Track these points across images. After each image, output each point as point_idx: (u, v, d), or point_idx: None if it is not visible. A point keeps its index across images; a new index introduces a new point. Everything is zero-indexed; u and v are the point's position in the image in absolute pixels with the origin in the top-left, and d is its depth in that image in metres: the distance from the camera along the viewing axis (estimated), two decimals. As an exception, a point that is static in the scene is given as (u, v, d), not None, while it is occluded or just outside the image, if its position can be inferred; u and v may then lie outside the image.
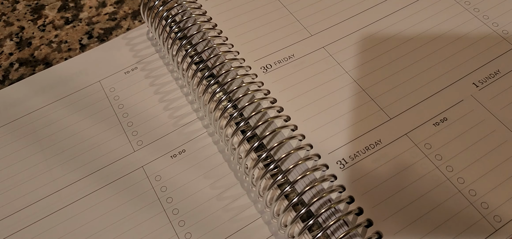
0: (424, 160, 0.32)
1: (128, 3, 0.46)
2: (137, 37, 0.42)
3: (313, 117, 0.33)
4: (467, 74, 0.36)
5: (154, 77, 0.39)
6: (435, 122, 0.33)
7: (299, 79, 0.36)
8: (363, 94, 0.35)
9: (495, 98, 0.34)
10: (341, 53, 0.37)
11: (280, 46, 0.37)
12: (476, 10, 0.39)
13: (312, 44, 0.38)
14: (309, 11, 0.40)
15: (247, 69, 0.36)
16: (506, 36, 0.38)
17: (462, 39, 0.37)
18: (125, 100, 0.38)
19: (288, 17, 0.39)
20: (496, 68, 0.36)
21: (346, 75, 0.36)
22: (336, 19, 0.39)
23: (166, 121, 0.37)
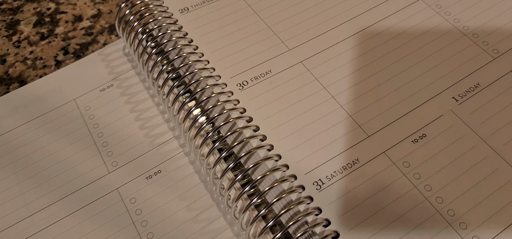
0: (402, 179, 0.31)
1: (105, 16, 0.45)
2: (113, 53, 0.42)
3: (289, 136, 0.33)
4: (446, 88, 0.35)
5: (130, 95, 0.39)
6: (414, 138, 0.33)
7: (276, 96, 0.35)
8: (341, 111, 0.34)
9: (475, 113, 0.34)
10: (319, 68, 0.36)
11: (257, 62, 0.37)
12: (456, 21, 0.39)
13: (290, 59, 0.37)
14: (287, 24, 0.39)
15: (222, 87, 0.35)
16: (486, 47, 0.37)
17: (442, 52, 0.37)
18: (100, 119, 0.37)
19: (266, 30, 0.39)
20: (476, 82, 0.35)
21: (324, 91, 0.35)
22: (314, 33, 0.38)
23: (141, 140, 0.36)
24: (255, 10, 0.40)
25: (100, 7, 0.46)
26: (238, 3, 0.40)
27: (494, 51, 0.37)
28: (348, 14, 0.39)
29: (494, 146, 0.32)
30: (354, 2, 0.40)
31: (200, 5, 0.40)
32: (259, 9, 0.40)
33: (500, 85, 0.35)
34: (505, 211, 0.29)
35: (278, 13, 0.40)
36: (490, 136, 0.32)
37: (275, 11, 0.40)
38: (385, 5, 0.40)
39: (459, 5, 0.40)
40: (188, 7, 0.40)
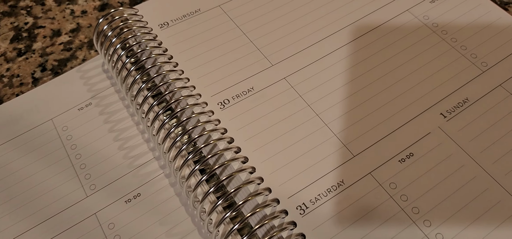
0: (389, 201, 0.30)
1: (84, 31, 0.44)
2: (92, 70, 0.40)
3: (272, 157, 0.32)
4: (434, 103, 0.34)
5: (109, 114, 0.37)
6: (401, 158, 0.32)
7: (258, 115, 0.34)
8: (325, 130, 0.33)
9: (464, 130, 0.32)
10: (303, 84, 0.35)
11: (239, 79, 0.35)
12: (444, 32, 0.38)
13: (273, 75, 0.36)
14: (270, 39, 0.38)
15: (203, 107, 0.34)
16: (475, 60, 0.36)
17: (429, 65, 0.36)
18: (78, 140, 0.36)
19: (248, 46, 0.37)
20: (465, 96, 0.34)
21: (308, 109, 0.34)
22: (297, 47, 0.37)
23: (120, 161, 0.35)
24: (238, 24, 0.39)
25: (80, 21, 0.45)
26: (220, 17, 0.39)
27: (483, 64, 0.36)
28: (332, 28, 0.38)
29: (483, 165, 0.31)
30: (338, 15, 0.39)
31: (181, 19, 0.39)
32: (241, 23, 0.39)
33: (489, 100, 0.34)
34: (496, 232, 0.28)
35: (261, 27, 0.38)
36: (479, 154, 0.31)
37: (258, 25, 0.38)
38: (370, 17, 0.39)
39: (447, 16, 0.38)
40: (168, 22, 0.39)
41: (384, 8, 0.39)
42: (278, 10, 0.39)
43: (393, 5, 0.39)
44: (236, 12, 0.39)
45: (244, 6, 0.40)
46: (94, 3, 0.46)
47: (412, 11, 0.39)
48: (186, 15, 0.40)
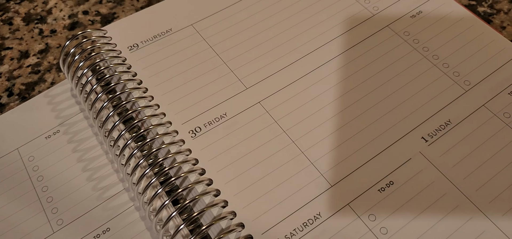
0: (368, 234, 0.28)
1: (54, 52, 0.42)
2: (61, 94, 0.38)
3: (246, 189, 0.30)
4: (415, 127, 0.32)
5: (77, 142, 0.36)
6: (380, 187, 0.30)
7: (231, 143, 0.32)
8: (302, 158, 0.31)
9: (446, 154, 0.31)
10: (278, 109, 0.34)
11: (211, 104, 0.34)
12: (426, 49, 0.36)
13: (247, 99, 0.34)
14: (244, 60, 0.36)
15: (173, 135, 0.32)
16: (457, 79, 0.34)
17: (410, 85, 0.34)
18: (45, 171, 0.34)
19: (222, 67, 0.36)
20: (447, 118, 0.33)
21: (283, 135, 0.32)
22: (272, 68, 0.36)
23: (89, 193, 0.33)
24: (211, 44, 0.37)
25: (49, 41, 0.43)
26: (192, 37, 0.37)
27: (466, 82, 0.34)
28: (308, 47, 0.37)
29: (466, 192, 0.29)
30: (314, 34, 0.37)
31: (151, 40, 0.37)
32: (214, 43, 0.37)
33: (472, 121, 0.32)
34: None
35: (235, 47, 0.37)
36: (463, 181, 0.30)
37: (232, 45, 0.37)
38: (347, 35, 0.37)
39: (428, 32, 0.37)
40: (138, 44, 0.37)
41: (363, 25, 0.38)
42: (252, 29, 0.38)
43: (372, 21, 0.38)
44: (209, 32, 0.38)
45: (217, 25, 0.38)
46: (64, 21, 0.44)
47: (392, 27, 0.37)
48: (157, 35, 0.38)
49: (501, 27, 0.40)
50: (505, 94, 0.34)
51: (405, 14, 0.38)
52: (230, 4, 0.39)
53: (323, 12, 0.38)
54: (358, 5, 0.39)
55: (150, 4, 0.44)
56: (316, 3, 0.39)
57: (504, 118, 0.32)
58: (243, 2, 0.39)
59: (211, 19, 0.39)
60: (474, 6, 0.42)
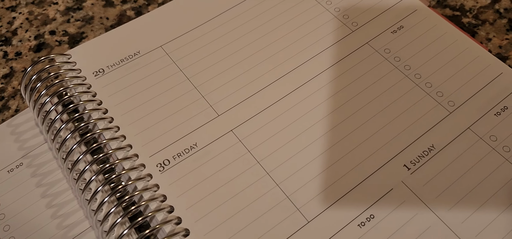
0: (347, 275, 0.26)
1: (18, 76, 0.40)
2: (25, 123, 0.36)
3: (217, 228, 0.28)
4: (397, 153, 0.30)
5: (41, 175, 0.33)
6: (360, 221, 0.28)
7: (201, 177, 0.30)
8: (277, 191, 0.29)
9: (429, 184, 0.29)
10: (252, 137, 0.32)
11: (181, 133, 0.32)
12: (407, 68, 0.34)
13: (218, 127, 0.32)
14: (216, 84, 0.34)
15: (140, 170, 0.30)
16: (441, 99, 0.33)
17: (391, 108, 0.32)
18: (7, 208, 0.32)
19: (192, 93, 0.34)
20: (430, 143, 0.31)
21: (257, 166, 0.30)
22: (245, 93, 0.34)
23: (53, 232, 0.31)
24: (181, 67, 0.35)
25: (13, 65, 0.41)
26: (161, 60, 0.35)
27: (450, 103, 0.32)
28: (284, 68, 0.35)
29: (451, 225, 0.28)
30: (290, 53, 0.35)
31: (118, 64, 0.35)
32: (185, 66, 0.35)
33: (457, 146, 0.30)
34: None
35: (206, 70, 0.35)
36: (447, 213, 0.28)
37: (203, 68, 0.35)
38: (325, 54, 0.35)
39: (409, 49, 0.35)
40: (103, 69, 0.35)
41: (341, 42, 0.36)
42: (224, 50, 0.36)
43: (351, 38, 0.36)
44: (179, 54, 0.36)
45: (188, 46, 0.36)
46: (29, 43, 0.42)
47: (372, 44, 0.35)
48: (124, 59, 0.36)
49: (487, 39, 0.39)
50: (491, 116, 0.32)
51: (386, 30, 0.36)
52: (201, 23, 0.37)
53: (299, 30, 0.36)
54: (336, 21, 0.37)
55: (120, 22, 0.42)
56: (292, 20, 0.37)
57: (491, 142, 0.31)
58: (215, 21, 0.37)
59: (181, 40, 0.36)
60: (458, 17, 0.40)
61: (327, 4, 0.38)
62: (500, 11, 0.40)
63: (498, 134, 0.31)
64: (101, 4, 0.44)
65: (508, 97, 0.32)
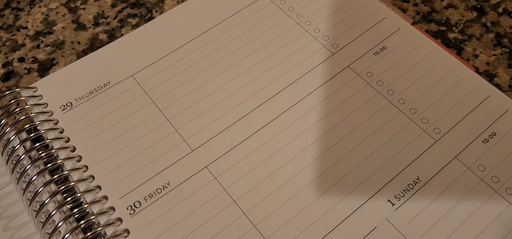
0: None
1: (-16, 108, 0.38)
2: (-10, 160, 0.34)
3: (191, 277, 0.26)
4: (381, 188, 0.29)
5: (8, 218, 0.32)
6: (342, 264, 0.26)
7: (175, 219, 0.28)
8: (254, 232, 0.28)
9: (415, 220, 0.28)
10: (227, 174, 0.30)
11: (153, 172, 0.30)
12: (390, 92, 0.33)
13: (193, 163, 0.30)
14: (190, 116, 0.32)
15: (110, 214, 0.28)
16: (426, 126, 0.31)
17: (374, 137, 0.31)
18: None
19: (165, 126, 0.32)
20: (416, 175, 0.29)
21: (233, 206, 0.29)
22: (220, 125, 0.32)
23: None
24: (153, 98, 0.33)
25: (-21, 95, 0.38)
26: (132, 90, 0.34)
27: (435, 130, 0.31)
28: (262, 96, 0.33)
29: (439, 266, 0.26)
30: (268, 79, 0.34)
31: (87, 97, 0.33)
32: (157, 97, 0.33)
33: (443, 178, 0.29)
34: None
35: (179, 101, 0.33)
36: (434, 252, 0.26)
37: (176, 98, 0.33)
38: (304, 80, 0.33)
39: (393, 73, 0.33)
40: (71, 102, 0.33)
41: (322, 66, 0.34)
42: (198, 78, 0.34)
43: (332, 61, 0.34)
44: (151, 83, 0.34)
45: (160, 74, 0.34)
46: (-3, 71, 0.40)
47: (354, 68, 0.34)
48: (93, 90, 0.34)
49: (474, 55, 0.37)
50: (478, 143, 0.30)
51: (368, 52, 0.34)
52: (174, 48, 0.36)
53: (277, 54, 0.35)
54: (316, 43, 0.35)
55: (92, 46, 0.40)
56: (269, 43, 0.35)
57: (479, 172, 0.29)
58: (189, 46, 0.36)
59: (154, 68, 0.35)
60: (444, 32, 0.38)
61: (306, 24, 0.36)
62: (487, 25, 0.39)
63: (487, 163, 0.29)
64: (72, 28, 0.42)
65: (497, 122, 0.31)
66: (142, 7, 0.42)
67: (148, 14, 0.42)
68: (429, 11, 0.40)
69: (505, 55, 0.37)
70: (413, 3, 0.40)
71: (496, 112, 0.31)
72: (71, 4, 0.43)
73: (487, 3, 0.40)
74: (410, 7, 0.40)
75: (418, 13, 0.40)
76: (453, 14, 0.40)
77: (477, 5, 0.40)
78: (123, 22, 0.42)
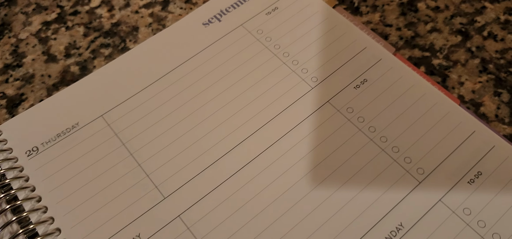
0: None
1: (-50, 149, 0.36)
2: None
3: None
4: (362, 236, 0.27)
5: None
6: None
7: (145, 276, 0.27)
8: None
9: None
10: (201, 223, 0.28)
11: (123, 223, 0.29)
12: (372, 130, 0.31)
13: (165, 213, 0.29)
14: (162, 159, 0.31)
15: (76, 271, 0.27)
16: (409, 166, 0.30)
17: (355, 180, 0.29)
18: None
19: (136, 171, 0.30)
20: (398, 221, 0.28)
21: (207, 259, 0.27)
22: (194, 169, 0.30)
23: None
24: (123, 140, 0.31)
25: None
26: (102, 132, 0.32)
27: (419, 170, 0.29)
28: (237, 137, 0.31)
29: None
30: (244, 118, 0.32)
31: (54, 140, 0.32)
32: (127, 139, 0.32)
33: (427, 223, 0.28)
34: None
35: (150, 144, 0.32)
36: None
37: (147, 140, 0.32)
38: (282, 117, 0.32)
39: (374, 108, 0.32)
40: (37, 147, 0.32)
41: (300, 102, 0.33)
42: (171, 118, 0.32)
43: (311, 96, 0.33)
44: (121, 124, 0.32)
45: (131, 114, 0.33)
46: (-37, 108, 0.38)
47: (334, 103, 0.32)
48: (61, 133, 0.32)
49: (459, 82, 0.36)
50: (464, 184, 0.29)
51: (348, 85, 0.33)
52: (146, 85, 0.34)
53: (253, 90, 0.33)
54: (295, 77, 0.34)
55: (63, 80, 0.39)
56: (245, 78, 0.34)
57: (465, 216, 0.28)
58: (161, 82, 0.34)
59: (124, 107, 0.33)
60: (428, 58, 0.37)
61: (284, 56, 0.35)
62: (472, 50, 0.37)
63: (473, 206, 0.28)
64: (42, 60, 0.40)
65: (482, 161, 0.29)
66: (115, 36, 0.41)
67: (122, 44, 0.40)
68: (412, 35, 0.38)
69: (491, 82, 0.36)
70: (396, 27, 0.39)
71: (482, 149, 0.30)
72: (42, 34, 0.42)
73: (472, 26, 0.39)
74: (393, 32, 0.39)
75: (401, 38, 0.38)
76: (437, 38, 0.38)
77: (462, 28, 0.38)
78: (96, 52, 0.40)
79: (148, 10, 0.42)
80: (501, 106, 0.34)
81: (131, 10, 0.42)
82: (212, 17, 0.37)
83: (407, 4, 0.40)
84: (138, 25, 0.41)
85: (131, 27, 0.41)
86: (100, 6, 0.43)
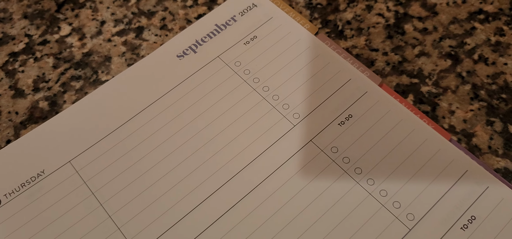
0: None
1: None
2: None
3: None
4: None
5: None
6: None
7: None
8: None
9: None
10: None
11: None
12: (358, 171, 0.29)
13: (137, 270, 0.26)
14: (134, 209, 0.29)
15: None
16: (399, 212, 0.27)
17: (341, 228, 0.27)
18: None
19: (106, 224, 0.28)
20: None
21: None
22: (169, 220, 0.28)
23: None
24: (92, 190, 0.30)
25: None
26: (70, 180, 0.30)
27: (409, 216, 0.27)
28: (215, 183, 0.29)
29: None
30: (224, 159, 0.30)
31: (18, 191, 0.30)
32: (97, 188, 0.30)
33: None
34: None
35: (121, 192, 0.30)
36: None
37: (118, 189, 0.30)
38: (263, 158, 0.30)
39: (360, 147, 0.30)
40: (0, 199, 0.29)
41: (282, 141, 0.31)
42: (144, 162, 0.30)
43: (293, 135, 0.30)
44: (91, 171, 0.30)
45: (101, 159, 0.30)
46: None
47: (317, 142, 0.30)
48: (25, 183, 0.30)
49: (450, 111, 0.34)
50: (457, 230, 0.27)
51: (332, 122, 0.31)
52: (117, 126, 0.32)
53: (231, 130, 0.31)
54: (275, 113, 0.31)
55: (31, 117, 0.36)
56: (221, 117, 0.32)
57: (459, 267, 0.26)
58: (133, 122, 0.32)
59: (94, 152, 0.31)
60: (417, 85, 0.35)
61: (264, 90, 0.32)
62: (462, 75, 0.35)
63: (467, 255, 0.26)
64: (9, 95, 0.38)
65: (476, 203, 0.28)
66: (86, 67, 0.38)
67: (94, 76, 0.38)
68: (399, 60, 0.36)
69: (483, 110, 0.34)
70: (382, 52, 0.37)
71: (475, 191, 0.28)
72: (9, 66, 0.39)
73: (462, 48, 0.37)
74: (379, 57, 0.37)
75: (388, 63, 0.36)
76: (426, 63, 0.36)
77: (451, 52, 0.37)
78: (66, 86, 0.38)
79: (121, 38, 0.40)
80: (494, 136, 0.33)
81: (103, 38, 0.40)
82: (187, 48, 0.35)
83: (393, 26, 0.38)
84: (111, 55, 0.39)
85: (103, 57, 0.39)
86: (71, 34, 0.40)
